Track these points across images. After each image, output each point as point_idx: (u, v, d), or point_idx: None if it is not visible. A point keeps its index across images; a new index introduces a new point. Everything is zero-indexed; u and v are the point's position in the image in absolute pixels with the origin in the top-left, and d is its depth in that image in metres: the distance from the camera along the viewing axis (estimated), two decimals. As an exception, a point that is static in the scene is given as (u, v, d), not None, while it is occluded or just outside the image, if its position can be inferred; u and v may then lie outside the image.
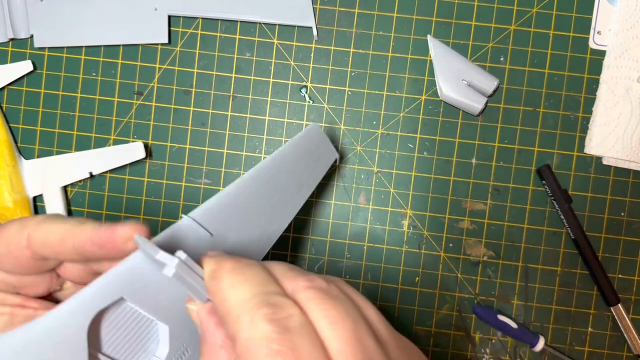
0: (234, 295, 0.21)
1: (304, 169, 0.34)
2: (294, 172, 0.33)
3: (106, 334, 0.23)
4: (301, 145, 0.34)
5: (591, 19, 0.41)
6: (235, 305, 0.20)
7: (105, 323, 0.23)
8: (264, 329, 0.19)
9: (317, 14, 0.41)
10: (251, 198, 0.29)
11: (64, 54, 0.42)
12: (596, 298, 0.41)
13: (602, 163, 0.41)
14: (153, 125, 0.42)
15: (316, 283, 0.22)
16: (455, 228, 0.41)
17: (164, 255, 0.21)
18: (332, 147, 0.36)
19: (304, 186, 0.34)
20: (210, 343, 0.22)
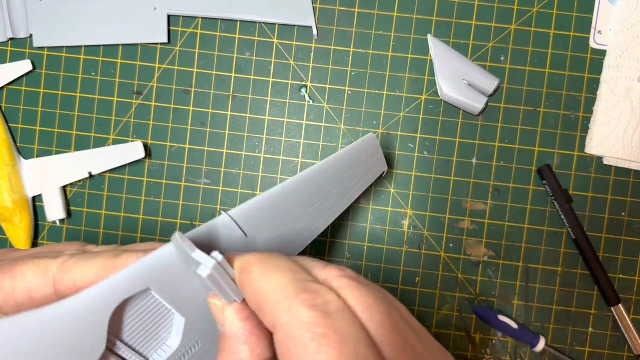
0: (269, 285, 0.21)
1: (351, 179, 0.33)
2: (341, 181, 0.32)
3: (125, 320, 0.23)
4: (354, 154, 0.33)
5: (592, 18, 0.41)
6: (271, 293, 0.20)
7: (126, 310, 0.23)
8: (305, 314, 0.19)
9: (317, 14, 0.41)
10: (292, 203, 0.29)
11: (63, 53, 0.41)
12: (597, 298, 0.41)
13: (603, 163, 0.41)
14: (153, 125, 0.42)
15: (347, 272, 0.22)
16: (456, 228, 0.41)
17: (201, 255, 0.21)
18: (383, 158, 0.35)
19: (347, 196, 0.33)
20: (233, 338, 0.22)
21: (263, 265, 0.21)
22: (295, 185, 0.29)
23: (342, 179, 0.32)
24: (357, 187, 0.34)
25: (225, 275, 0.22)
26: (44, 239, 0.42)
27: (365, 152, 0.34)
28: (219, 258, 0.22)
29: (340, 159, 0.32)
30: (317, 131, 0.41)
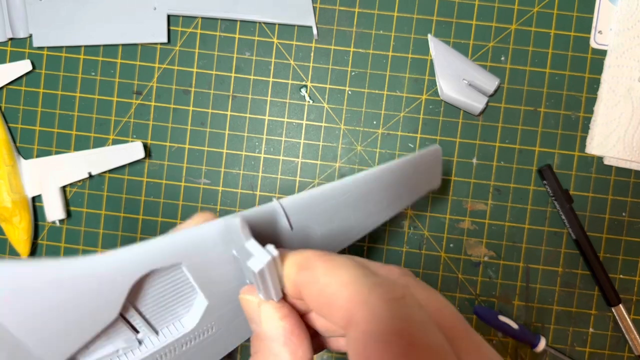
0: (337, 280, 0.19)
1: (406, 188, 0.32)
2: (397, 189, 0.31)
3: (145, 289, 0.22)
4: (415, 165, 0.32)
5: (592, 18, 0.41)
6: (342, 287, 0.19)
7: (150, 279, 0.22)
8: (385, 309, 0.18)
9: (317, 13, 0.41)
10: (343, 203, 0.28)
11: (63, 53, 0.41)
12: (597, 298, 0.41)
13: (603, 163, 0.41)
14: (152, 125, 0.41)
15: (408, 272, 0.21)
16: (456, 228, 0.41)
17: (255, 247, 0.20)
18: (441, 173, 0.34)
19: (396, 204, 0.31)
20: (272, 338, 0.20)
21: (325, 262, 0.20)
22: (351, 186, 0.28)
23: (397, 187, 0.31)
24: (408, 197, 0.32)
25: (274, 272, 0.20)
26: (44, 239, 0.42)
27: (426, 163, 0.32)
28: (275, 253, 0.20)
29: (400, 167, 0.30)
30: (317, 131, 0.41)
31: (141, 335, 0.23)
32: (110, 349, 0.22)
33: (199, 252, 0.22)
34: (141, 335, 0.23)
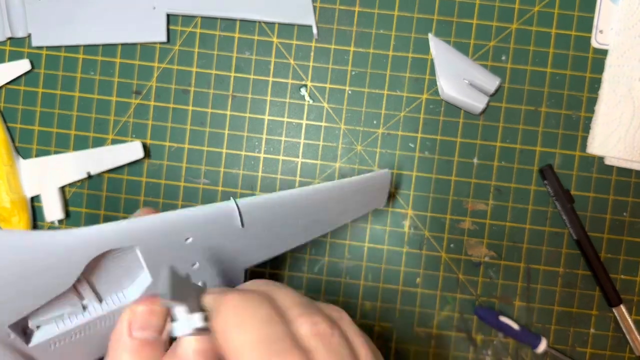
0: (240, 337, 0.20)
1: (352, 206, 0.34)
2: (344, 205, 0.33)
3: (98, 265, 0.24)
4: (365, 185, 0.34)
5: (593, 17, 0.41)
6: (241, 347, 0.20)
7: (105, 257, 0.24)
8: None
9: (317, 13, 0.41)
10: (293, 211, 0.30)
11: (61, 53, 0.41)
12: (598, 299, 0.41)
13: (605, 163, 0.41)
14: (152, 125, 0.41)
15: (321, 328, 0.21)
16: (457, 228, 0.41)
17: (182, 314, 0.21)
18: (387, 195, 0.36)
19: (339, 219, 0.34)
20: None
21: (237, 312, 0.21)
22: (301, 196, 0.30)
23: (346, 203, 0.33)
24: (353, 212, 0.34)
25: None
26: (43, 240, 0.42)
27: (374, 185, 0.34)
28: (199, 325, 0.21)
29: (351, 186, 0.33)
30: (317, 131, 0.41)
31: (86, 302, 0.25)
32: (56, 313, 0.24)
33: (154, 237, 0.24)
34: (86, 302, 0.25)
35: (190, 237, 0.25)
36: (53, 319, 0.24)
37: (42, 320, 0.24)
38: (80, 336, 0.25)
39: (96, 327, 0.25)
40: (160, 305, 0.24)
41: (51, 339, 0.24)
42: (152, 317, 0.24)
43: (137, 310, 0.24)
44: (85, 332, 0.25)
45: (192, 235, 0.25)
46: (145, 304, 0.24)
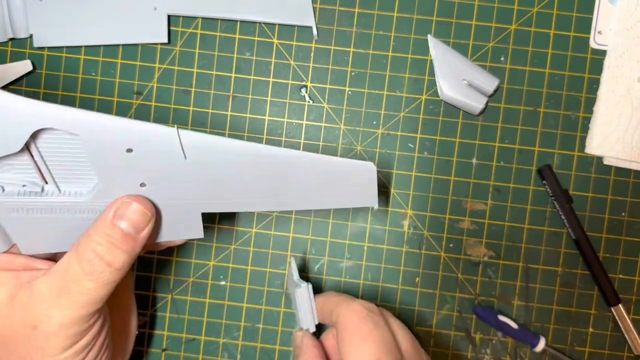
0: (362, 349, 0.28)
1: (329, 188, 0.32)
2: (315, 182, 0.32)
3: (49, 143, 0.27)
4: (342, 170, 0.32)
5: (592, 18, 0.41)
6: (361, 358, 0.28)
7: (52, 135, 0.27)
8: None
9: (317, 14, 0.41)
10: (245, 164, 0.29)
11: (63, 53, 0.41)
12: (597, 298, 0.41)
13: (603, 163, 0.41)
14: (153, 125, 0.42)
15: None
16: (456, 228, 0.41)
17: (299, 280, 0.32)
18: (375, 193, 0.33)
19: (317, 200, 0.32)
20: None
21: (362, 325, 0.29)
22: (257, 152, 0.29)
23: (315, 181, 0.31)
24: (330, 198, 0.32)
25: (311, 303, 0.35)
26: (44, 239, 0.42)
27: (357, 176, 0.32)
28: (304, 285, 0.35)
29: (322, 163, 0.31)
30: (317, 131, 0.41)
31: (47, 187, 0.29)
32: (18, 180, 0.28)
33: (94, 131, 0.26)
34: (47, 187, 0.29)
35: (132, 148, 0.27)
36: (14, 184, 0.28)
37: (4, 181, 0.28)
38: (40, 217, 0.28)
39: (55, 214, 0.29)
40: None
41: (10, 202, 0.28)
42: (137, 215, 0.28)
43: (127, 203, 0.28)
44: (44, 215, 0.29)
45: (133, 147, 0.27)
46: (137, 201, 0.28)
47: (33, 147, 0.27)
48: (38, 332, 0.27)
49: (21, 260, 0.30)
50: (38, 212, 0.28)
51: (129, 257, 0.28)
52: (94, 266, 0.27)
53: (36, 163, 0.28)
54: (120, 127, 0.26)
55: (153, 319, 0.42)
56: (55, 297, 0.27)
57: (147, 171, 0.28)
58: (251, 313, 0.42)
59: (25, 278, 0.28)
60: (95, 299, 0.27)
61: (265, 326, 0.42)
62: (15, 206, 0.28)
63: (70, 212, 0.29)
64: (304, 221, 0.41)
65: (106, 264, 0.27)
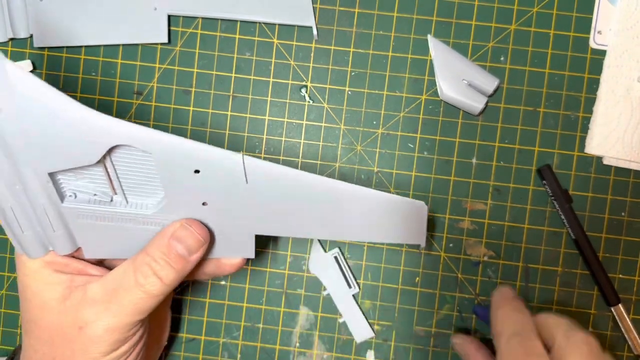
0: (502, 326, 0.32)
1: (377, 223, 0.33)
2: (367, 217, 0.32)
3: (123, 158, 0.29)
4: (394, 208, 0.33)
5: (592, 18, 0.41)
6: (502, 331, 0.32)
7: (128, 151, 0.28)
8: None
9: (317, 14, 0.41)
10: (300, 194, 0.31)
11: (63, 53, 0.41)
12: (597, 298, 0.41)
13: (603, 163, 0.41)
14: (153, 125, 0.42)
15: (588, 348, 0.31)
16: (456, 228, 0.41)
17: None
18: (424, 231, 0.34)
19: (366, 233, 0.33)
20: None
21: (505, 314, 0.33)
22: (315, 183, 0.31)
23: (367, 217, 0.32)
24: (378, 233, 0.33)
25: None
26: (44, 239, 0.42)
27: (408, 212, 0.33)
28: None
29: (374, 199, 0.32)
30: (317, 131, 0.41)
31: (116, 197, 0.30)
32: (90, 188, 0.30)
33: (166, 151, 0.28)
34: (116, 197, 0.30)
35: (199, 169, 0.29)
36: (86, 193, 0.30)
37: (76, 189, 0.30)
38: (106, 225, 0.30)
39: (120, 223, 0.30)
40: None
41: (81, 209, 0.30)
42: (192, 239, 0.30)
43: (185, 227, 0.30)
44: (110, 223, 0.30)
45: (201, 168, 0.29)
46: (194, 226, 0.30)
47: (108, 160, 0.29)
48: (84, 334, 0.29)
49: (77, 264, 0.31)
50: (105, 220, 0.30)
51: (178, 276, 0.30)
52: (147, 279, 0.29)
53: (109, 175, 0.29)
54: (191, 150, 0.28)
55: (153, 319, 0.42)
56: (106, 302, 0.29)
57: (210, 191, 0.30)
58: (251, 313, 0.42)
59: (80, 281, 0.30)
60: (143, 309, 0.30)
61: (265, 326, 0.42)
62: (85, 213, 0.30)
63: (134, 223, 0.31)
64: (304, 221, 0.41)
65: (158, 278, 0.29)
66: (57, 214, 0.29)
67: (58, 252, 0.31)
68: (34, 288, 0.30)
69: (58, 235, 0.30)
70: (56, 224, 0.30)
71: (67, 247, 0.31)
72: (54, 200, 0.29)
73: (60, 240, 0.30)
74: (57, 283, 0.30)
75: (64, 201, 0.29)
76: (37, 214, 0.29)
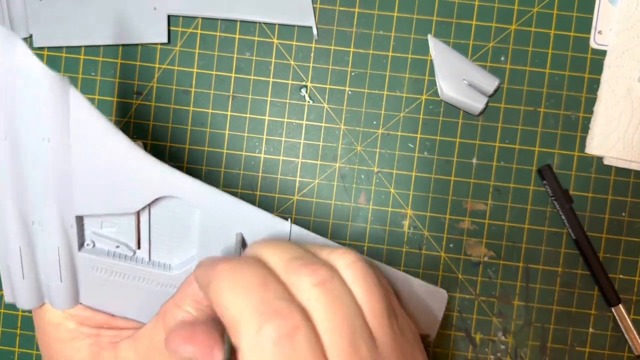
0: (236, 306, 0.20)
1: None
2: None
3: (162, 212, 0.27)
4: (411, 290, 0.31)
5: (592, 18, 0.41)
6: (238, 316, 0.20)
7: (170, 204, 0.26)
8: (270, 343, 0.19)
9: (317, 14, 0.41)
10: None
11: (63, 53, 0.41)
12: (597, 298, 0.41)
13: (603, 163, 0.41)
14: (152, 125, 0.42)
15: (320, 275, 0.21)
16: (456, 228, 0.41)
17: None
18: (439, 321, 0.33)
19: None
20: None
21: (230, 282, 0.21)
22: None
23: None
24: None
25: None
26: (44, 239, 0.42)
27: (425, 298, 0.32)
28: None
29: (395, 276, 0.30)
30: (317, 131, 0.41)
31: (139, 252, 0.27)
32: (114, 237, 0.27)
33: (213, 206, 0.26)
34: (138, 252, 0.27)
35: (240, 231, 0.26)
36: (108, 243, 0.27)
37: (99, 237, 0.27)
38: (120, 281, 0.27)
39: (137, 282, 0.27)
40: None
41: (98, 260, 0.26)
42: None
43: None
44: (126, 281, 0.27)
45: (244, 231, 0.26)
46: None
47: (145, 210, 0.26)
48: None
49: (102, 317, 0.28)
50: (121, 276, 0.27)
51: None
52: None
53: (139, 226, 0.27)
54: (239, 211, 0.26)
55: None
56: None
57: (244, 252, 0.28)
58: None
59: (108, 337, 0.27)
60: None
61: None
62: (101, 265, 0.26)
63: (154, 284, 0.27)
64: (304, 221, 0.41)
65: None
66: (70, 263, 0.26)
67: (55, 306, 0.27)
68: (57, 347, 0.27)
69: (62, 287, 0.26)
70: (65, 273, 0.26)
71: (68, 301, 0.27)
72: (71, 247, 0.26)
73: (62, 292, 0.26)
74: (84, 339, 0.27)
75: (80, 249, 0.26)
76: (47, 259, 0.25)
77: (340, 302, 0.21)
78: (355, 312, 0.21)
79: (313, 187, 0.41)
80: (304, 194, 0.41)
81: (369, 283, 0.22)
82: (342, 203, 0.41)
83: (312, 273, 0.21)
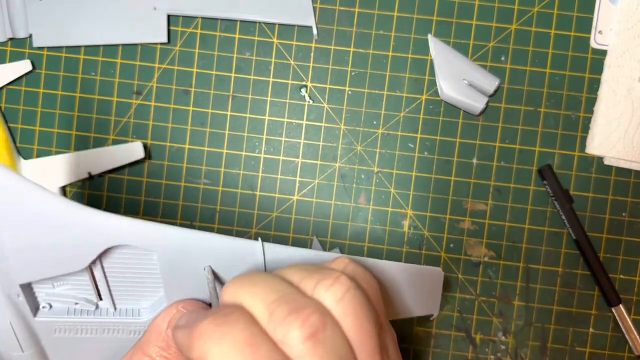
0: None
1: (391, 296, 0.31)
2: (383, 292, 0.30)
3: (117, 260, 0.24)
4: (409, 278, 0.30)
5: (592, 18, 0.41)
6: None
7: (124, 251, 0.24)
8: None
9: (317, 13, 0.41)
10: None
11: (62, 53, 0.41)
12: (597, 299, 0.41)
13: (604, 163, 0.41)
14: (152, 125, 0.42)
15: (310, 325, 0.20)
16: (456, 228, 0.41)
17: None
18: (439, 299, 0.32)
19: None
20: None
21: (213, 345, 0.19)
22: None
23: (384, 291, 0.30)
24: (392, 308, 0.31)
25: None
26: (44, 239, 0.42)
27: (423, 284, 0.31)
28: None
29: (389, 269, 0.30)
30: (317, 131, 0.41)
31: (102, 303, 0.25)
32: (70, 294, 0.25)
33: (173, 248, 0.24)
34: (101, 303, 0.25)
35: (210, 265, 0.25)
36: (66, 302, 0.25)
37: (54, 298, 0.25)
38: (88, 337, 0.25)
39: (106, 334, 0.25)
40: None
41: (58, 322, 0.25)
42: None
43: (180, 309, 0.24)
44: (93, 335, 0.25)
45: (212, 263, 0.25)
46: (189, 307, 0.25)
47: (97, 264, 0.24)
48: None
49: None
50: (87, 332, 0.25)
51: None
52: None
53: (94, 279, 0.25)
54: (203, 244, 0.24)
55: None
56: None
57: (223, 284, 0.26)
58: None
59: None
60: None
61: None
62: (63, 326, 0.25)
63: (125, 333, 0.26)
64: (304, 221, 0.41)
65: None
66: (28, 331, 0.24)
67: None
68: None
69: (27, 356, 0.25)
70: (26, 343, 0.24)
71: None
72: (25, 315, 0.24)
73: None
74: None
75: (36, 315, 0.25)
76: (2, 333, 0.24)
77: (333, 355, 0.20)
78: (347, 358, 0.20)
79: (313, 187, 0.41)
80: (304, 194, 0.41)
81: (360, 319, 0.21)
82: (342, 203, 0.41)
83: (302, 324, 0.20)
